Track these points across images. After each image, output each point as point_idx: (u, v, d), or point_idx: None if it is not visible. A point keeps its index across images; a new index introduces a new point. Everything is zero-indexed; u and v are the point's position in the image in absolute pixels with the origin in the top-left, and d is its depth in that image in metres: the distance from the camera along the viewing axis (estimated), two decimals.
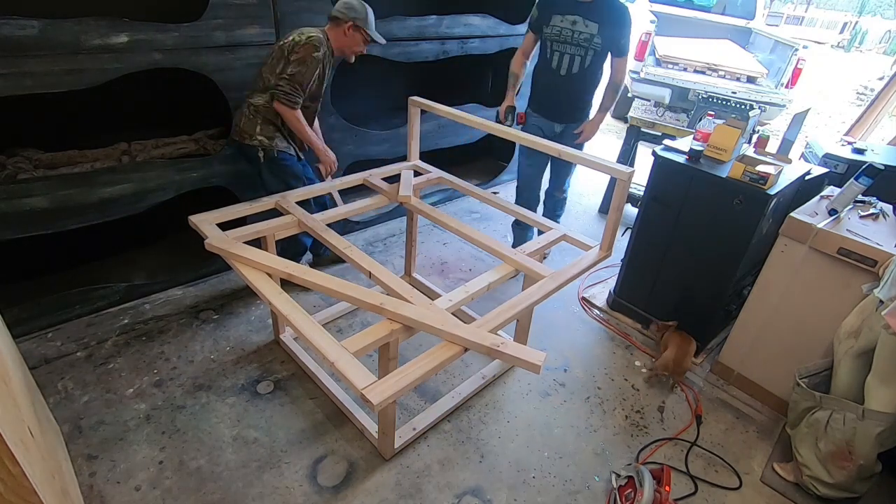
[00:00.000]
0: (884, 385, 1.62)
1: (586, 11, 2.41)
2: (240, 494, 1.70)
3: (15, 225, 2.04)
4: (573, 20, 2.43)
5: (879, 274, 1.77)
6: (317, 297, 2.69)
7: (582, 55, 2.47)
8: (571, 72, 2.53)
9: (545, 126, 2.71)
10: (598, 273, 3.09)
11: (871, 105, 4.71)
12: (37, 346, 2.22)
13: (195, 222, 1.95)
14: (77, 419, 1.91)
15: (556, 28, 2.48)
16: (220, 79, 2.37)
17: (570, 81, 2.56)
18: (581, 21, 2.41)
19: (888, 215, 2.05)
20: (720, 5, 5.98)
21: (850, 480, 1.75)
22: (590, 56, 2.47)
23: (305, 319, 1.54)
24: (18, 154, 2.35)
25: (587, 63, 2.49)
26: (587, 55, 2.47)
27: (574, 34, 2.45)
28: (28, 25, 1.83)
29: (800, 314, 2.05)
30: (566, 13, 2.45)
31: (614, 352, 2.51)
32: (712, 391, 2.32)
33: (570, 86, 2.57)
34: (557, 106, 2.66)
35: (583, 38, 2.44)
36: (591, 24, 2.40)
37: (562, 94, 2.61)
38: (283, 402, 2.06)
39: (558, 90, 2.60)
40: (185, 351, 2.27)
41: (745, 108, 3.16)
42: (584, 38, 2.44)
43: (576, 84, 2.56)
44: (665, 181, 2.35)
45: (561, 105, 2.65)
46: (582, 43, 2.45)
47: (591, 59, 2.49)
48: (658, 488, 1.71)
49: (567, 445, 1.99)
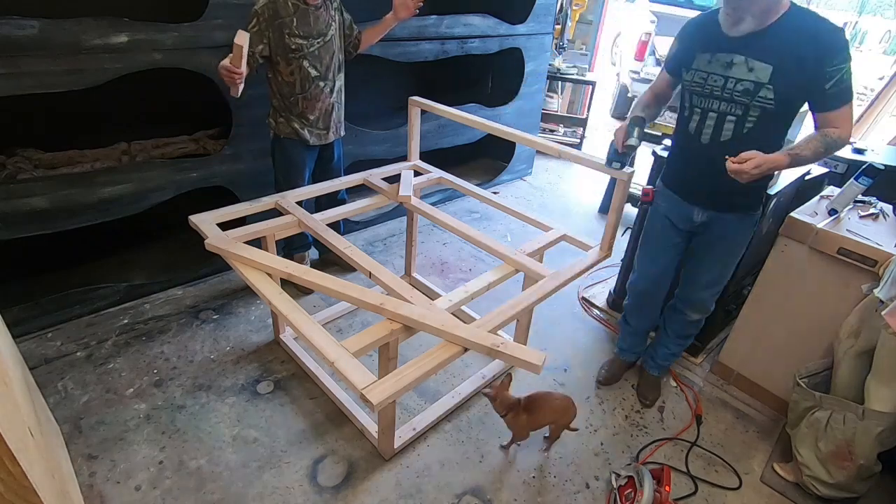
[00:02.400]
0: (884, 385, 1.62)
1: (754, 46, 1.51)
2: (240, 494, 1.70)
3: (15, 225, 2.04)
4: (729, 61, 1.55)
5: (879, 274, 1.77)
6: (317, 296, 2.69)
7: (740, 115, 1.58)
8: (720, 139, 1.64)
9: (678, 210, 1.84)
10: (598, 273, 3.09)
11: (871, 105, 4.70)
12: (37, 346, 2.22)
13: (195, 222, 1.95)
14: (77, 419, 1.91)
15: (699, 73, 1.62)
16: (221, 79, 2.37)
17: (717, 151, 1.60)
18: (743, 63, 1.53)
19: (888, 215, 2.05)
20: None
21: (851, 480, 1.75)
22: (753, 116, 1.56)
23: (305, 319, 1.54)
24: (18, 154, 2.35)
25: (747, 127, 1.58)
26: (748, 115, 1.57)
27: (727, 83, 1.57)
28: (28, 25, 1.83)
29: (800, 314, 2.05)
30: (718, 50, 1.58)
31: (614, 352, 2.51)
32: (712, 391, 2.32)
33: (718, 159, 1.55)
34: (696, 183, 1.77)
35: (741, 89, 1.54)
36: (758, 65, 1.50)
37: (703, 169, 1.70)
38: (283, 402, 2.06)
39: (698, 161, 1.72)
40: (185, 351, 2.27)
41: None
42: (742, 91, 1.54)
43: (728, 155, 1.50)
44: None
45: (702, 183, 1.74)
46: (739, 98, 1.56)
47: (757, 122, 1.57)
48: (658, 488, 1.71)
49: (567, 445, 1.99)
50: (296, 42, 2.14)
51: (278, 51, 2.15)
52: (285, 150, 2.39)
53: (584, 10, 5.32)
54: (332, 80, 2.34)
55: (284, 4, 2.10)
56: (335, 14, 2.27)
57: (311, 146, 2.41)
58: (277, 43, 2.13)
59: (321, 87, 2.30)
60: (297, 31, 2.13)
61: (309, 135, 2.37)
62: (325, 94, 2.32)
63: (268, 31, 2.09)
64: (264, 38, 2.10)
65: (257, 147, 2.58)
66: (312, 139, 2.39)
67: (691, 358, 2.48)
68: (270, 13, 2.08)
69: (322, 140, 2.43)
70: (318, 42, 2.20)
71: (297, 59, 2.17)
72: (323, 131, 2.42)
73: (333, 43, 2.28)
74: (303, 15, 2.13)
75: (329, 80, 2.32)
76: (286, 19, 2.10)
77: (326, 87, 2.32)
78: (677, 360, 2.43)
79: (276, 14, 2.09)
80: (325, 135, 2.43)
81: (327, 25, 2.22)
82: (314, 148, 2.46)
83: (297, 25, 2.12)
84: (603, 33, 6.59)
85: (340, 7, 2.32)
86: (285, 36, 2.12)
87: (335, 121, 2.46)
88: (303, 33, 2.15)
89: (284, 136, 2.34)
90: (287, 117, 2.31)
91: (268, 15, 2.07)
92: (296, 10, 2.11)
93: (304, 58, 2.18)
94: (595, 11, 5.91)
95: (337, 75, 2.37)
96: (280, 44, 2.13)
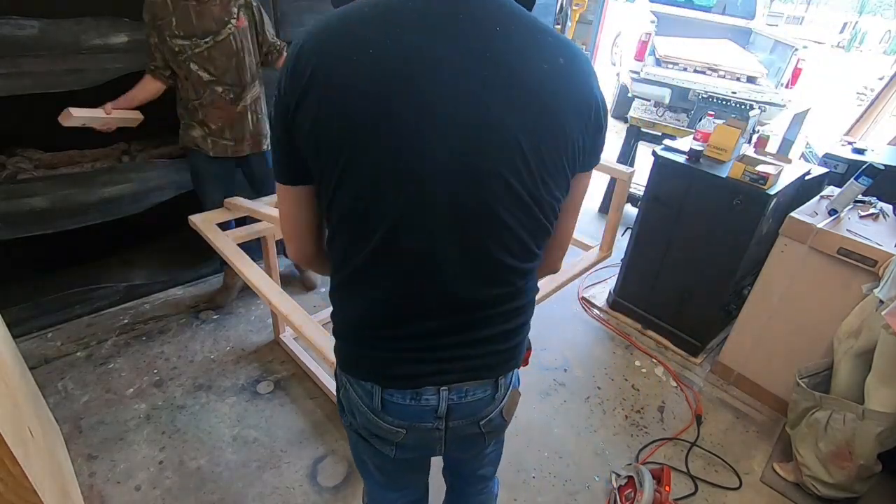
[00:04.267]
0: (884, 385, 1.62)
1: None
2: (240, 494, 1.70)
3: (15, 225, 2.04)
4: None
5: (879, 274, 1.77)
6: (317, 297, 2.69)
7: None
8: None
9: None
10: (598, 273, 3.09)
11: (871, 105, 4.70)
12: (37, 346, 2.22)
13: (195, 222, 1.95)
14: (77, 419, 1.91)
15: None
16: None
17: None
18: None
19: (888, 215, 2.05)
20: (720, 5, 5.98)
21: (850, 480, 1.75)
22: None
23: (305, 319, 1.53)
24: (18, 154, 2.35)
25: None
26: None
27: None
28: (28, 25, 1.83)
29: (800, 314, 2.05)
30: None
31: (614, 352, 2.51)
32: (712, 391, 2.32)
33: None
34: None
35: None
36: None
37: None
38: (283, 402, 2.06)
39: None
40: (185, 351, 2.27)
41: (745, 108, 3.16)
42: None
43: None
44: (665, 181, 2.35)
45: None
46: None
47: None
48: (658, 488, 1.71)
49: (567, 445, 1.99)
50: (178, 44, 1.93)
51: (167, 55, 1.96)
52: (190, 160, 2.25)
53: (583, 10, 5.32)
54: (233, 86, 2.08)
55: (162, 4, 1.89)
56: (238, 11, 2.01)
57: (218, 158, 2.19)
58: (164, 47, 1.94)
59: (218, 92, 2.05)
60: (176, 32, 1.92)
61: (212, 145, 2.15)
62: (225, 101, 2.07)
63: (153, 36, 1.93)
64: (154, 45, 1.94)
65: None
66: (215, 150, 2.16)
67: (691, 358, 2.48)
68: (150, 17, 1.90)
69: (231, 153, 2.19)
70: (205, 42, 1.96)
71: (183, 61, 1.97)
72: (230, 143, 2.17)
73: (231, 44, 2.01)
74: (183, 12, 1.91)
75: (228, 84, 2.06)
76: (165, 20, 1.90)
77: (227, 93, 2.07)
78: (678, 360, 2.44)
79: (155, 16, 1.90)
80: (235, 147, 2.19)
81: (219, 23, 1.97)
82: (228, 160, 2.23)
83: (176, 25, 1.91)
84: (603, 33, 6.58)
85: (252, 5, 2.06)
86: (167, 38, 1.92)
87: (251, 132, 2.20)
88: (183, 33, 1.92)
89: (184, 146, 2.20)
90: (188, 124, 2.14)
91: (148, 19, 1.90)
92: (175, 8, 1.90)
93: (189, 60, 1.97)
94: (595, 11, 5.90)
95: (245, 81, 2.10)
96: (165, 47, 1.94)
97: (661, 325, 2.57)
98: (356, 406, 0.90)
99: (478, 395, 0.88)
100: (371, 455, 1.00)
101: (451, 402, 0.86)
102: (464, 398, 0.87)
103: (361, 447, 0.99)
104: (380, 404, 0.86)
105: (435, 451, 0.95)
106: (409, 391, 0.84)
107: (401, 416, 0.86)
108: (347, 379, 0.90)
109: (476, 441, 0.96)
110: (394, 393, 0.84)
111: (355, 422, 0.93)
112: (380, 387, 0.85)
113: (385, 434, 0.89)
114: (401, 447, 0.92)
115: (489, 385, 0.88)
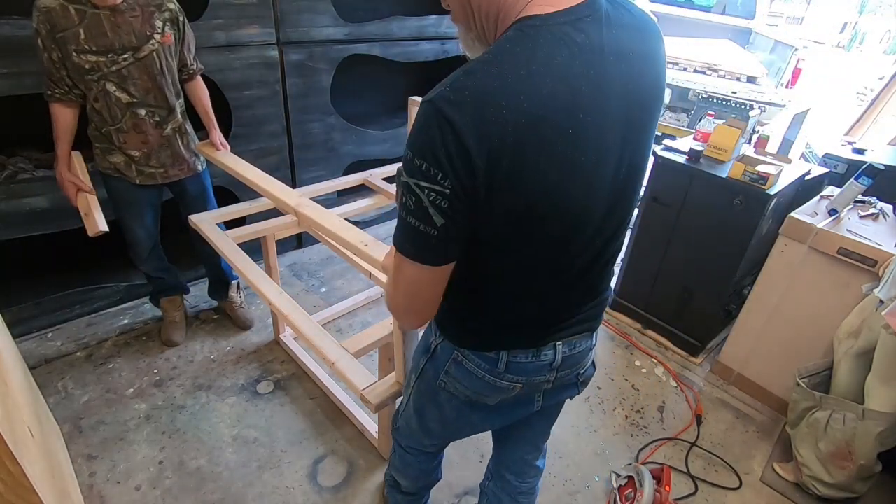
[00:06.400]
0: (884, 385, 1.62)
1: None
2: (240, 494, 1.71)
3: (15, 225, 2.05)
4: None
5: (879, 274, 1.77)
6: (317, 297, 2.69)
7: None
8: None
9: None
10: None
11: (871, 105, 4.70)
12: (37, 346, 2.22)
13: (195, 222, 1.95)
14: (77, 419, 1.91)
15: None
16: (220, 79, 2.37)
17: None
18: None
19: (888, 215, 2.05)
20: (720, 5, 5.98)
21: (850, 480, 1.75)
22: None
23: (305, 319, 1.54)
24: (18, 154, 2.35)
25: None
26: None
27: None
28: (28, 25, 1.83)
29: (800, 314, 2.05)
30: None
31: (614, 352, 2.51)
32: (712, 391, 2.32)
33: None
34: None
35: None
36: None
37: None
38: (283, 402, 2.06)
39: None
40: (185, 351, 2.27)
41: (745, 108, 3.17)
42: None
43: None
44: (665, 181, 2.35)
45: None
46: None
47: None
48: (658, 488, 1.71)
49: (567, 445, 1.99)
50: (88, 60, 1.64)
51: (73, 74, 1.67)
52: (108, 186, 1.93)
53: None
54: (159, 108, 1.83)
55: (63, 13, 1.58)
56: (163, 26, 1.75)
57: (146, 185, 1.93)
58: (68, 63, 1.64)
59: (141, 115, 1.79)
60: (86, 46, 1.62)
61: (137, 173, 1.89)
62: (148, 124, 1.81)
63: (54, 51, 1.62)
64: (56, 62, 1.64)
65: (257, 147, 2.58)
66: (142, 179, 1.90)
67: (691, 358, 2.48)
68: (47, 29, 1.58)
69: (159, 180, 1.94)
70: (124, 59, 1.69)
71: (96, 81, 1.68)
72: (158, 169, 1.91)
73: (155, 61, 1.75)
74: (94, 22, 1.61)
75: (153, 106, 1.81)
76: (69, 31, 1.59)
77: (152, 116, 1.82)
78: (678, 360, 2.44)
79: (54, 26, 1.58)
80: (165, 173, 1.94)
81: (141, 38, 1.70)
82: (152, 187, 1.97)
83: (85, 38, 1.61)
84: None
85: (179, 20, 1.81)
86: (73, 54, 1.62)
87: (177, 157, 1.94)
88: (96, 47, 1.63)
89: (103, 171, 1.89)
90: (106, 148, 1.84)
91: (45, 31, 1.58)
92: (82, 19, 1.60)
93: (104, 79, 1.69)
94: None
95: (172, 103, 1.86)
96: (71, 64, 1.64)
97: (661, 325, 2.57)
98: (470, 375, 0.93)
99: (583, 346, 0.96)
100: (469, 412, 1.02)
101: (564, 355, 0.93)
102: (573, 350, 0.94)
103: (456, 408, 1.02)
104: (504, 366, 0.91)
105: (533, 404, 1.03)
106: (531, 349, 0.91)
107: (521, 372, 0.92)
108: (461, 353, 0.93)
109: (569, 391, 1.04)
110: (518, 353, 0.90)
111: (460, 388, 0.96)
112: (506, 352, 0.90)
113: (496, 393, 0.95)
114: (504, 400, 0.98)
115: (593, 335, 0.98)
